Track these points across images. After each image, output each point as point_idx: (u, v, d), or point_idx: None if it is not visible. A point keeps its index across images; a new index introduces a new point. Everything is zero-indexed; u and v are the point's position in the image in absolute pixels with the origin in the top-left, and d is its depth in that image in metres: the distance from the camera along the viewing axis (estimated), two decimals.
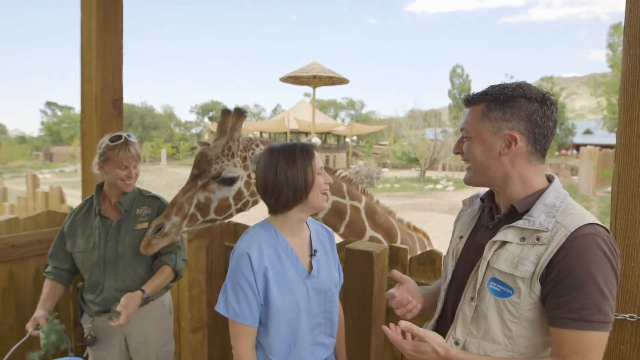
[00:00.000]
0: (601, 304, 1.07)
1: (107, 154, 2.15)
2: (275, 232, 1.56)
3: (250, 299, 1.48)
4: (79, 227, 2.25)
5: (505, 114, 1.20)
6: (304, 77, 24.21)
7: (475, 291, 1.24)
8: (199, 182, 2.03)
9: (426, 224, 13.07)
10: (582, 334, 1.07)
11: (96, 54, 2.92)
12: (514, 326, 1.17)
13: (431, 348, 1.15)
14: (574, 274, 1.08)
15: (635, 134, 1.39)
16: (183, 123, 78.74)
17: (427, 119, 31.79)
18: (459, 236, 1.42)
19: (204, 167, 2.04)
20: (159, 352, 2.30)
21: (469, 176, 1.32)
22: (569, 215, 1.15)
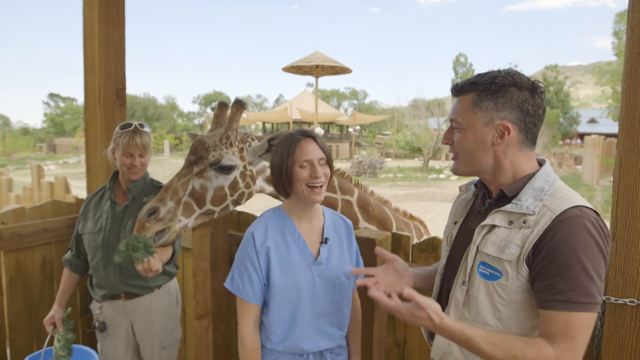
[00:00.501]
0: (588, 285, 1.07)
1: (117, 141, 2.21)
2: (284, 216, 1.62)
3: (253, 277, 1.55)
4: (92, 210, 2.33)
5: (497, 103, 1.19)
6: (306, 66, 24.11)
7: (466, 275, 1.26)
8: (195, 169, 1.97)
9: (429, 213, 13.10)
10: (569, 315, 1.08)
11: (99, 44, 2.92)
12: (503, 308, 1.19)
13: (427, 315, 1.15)
14: (560, 256, 1.08)
15: (638, 120, 1.39)
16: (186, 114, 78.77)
17: (430, 109, 31.68)
18: (453, 222, 1.44)
19: (201, 153, 1.98)
20: (164, 341, 2.33)
21: (457, 167, 1.31)
22: (557, 198, 1.15)
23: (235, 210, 2.66)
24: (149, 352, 2.32)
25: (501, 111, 1.19)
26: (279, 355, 1.63)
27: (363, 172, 22.35)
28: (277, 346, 1.60)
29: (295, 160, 1.51)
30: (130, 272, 2.20)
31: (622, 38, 24.11)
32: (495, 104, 1.19)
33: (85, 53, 3.01)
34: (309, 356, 1.62)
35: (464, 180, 7.69)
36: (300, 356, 1.62)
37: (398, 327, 2.14)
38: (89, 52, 2.98)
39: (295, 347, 1.59)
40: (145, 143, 2.21)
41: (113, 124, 3.02)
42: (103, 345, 2.35)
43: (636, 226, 1.42)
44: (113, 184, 2.33)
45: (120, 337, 2.31)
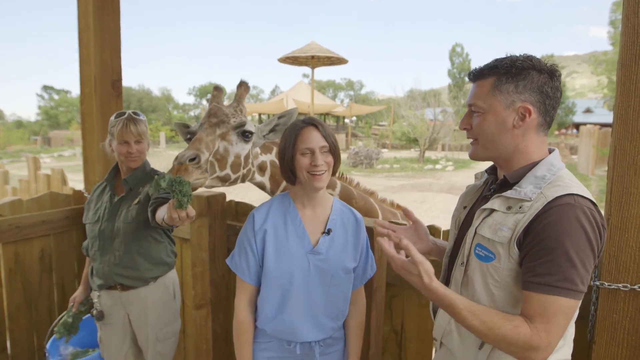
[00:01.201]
0: (567, 271, 1.08)
1: (112, 130, 2.20)
2: (289, 202, 1.66)
3: (249, 256, 1.62)
4: (94, 200, 2.34)
5: (518, 86, 1.20)
6: (302, 57, 23.98)
7: (464, 256, 1.29)
8: (218, 131, 1.94)
9: (425, 203, 13.13)
10: (545, 297, 1.09)
11: (94, 35, 2.91)
12: (496, 290, 1.21)
13: (418, 272, 1.16)
14: (545, 240, 1.10)
15: (632, 107, 1.41)
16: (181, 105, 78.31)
17: (426, 99, 31.64)
18: (463, 206, 1.46)
19: (222, 118, 1.96)
20: (159, 334, 2.32)
21: (476, 151, 1.31)
22: (555, 186, 1.17)
23: (233, 201, 2.68)
24: (145, 343, 2.34)
25: (522, 94, 1.20)
26: (270, 340, 1.67)
27: (359, 163, 22.37)
28: (265, 326, 1.63)
29: (297, 148, 1.55)
30: (124, 264, 2.21)
31: (618, 27, 24.04)
32: (515, 87, 1.20)
33: (80, 44, 2.99)
34: (296, 346, 1.63)
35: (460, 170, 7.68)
36: (288, 344, 1.64)
37: (395, 314, 2.17)
38: (84, 42, 2.96)
39: (283, 332, 1.62)
40: (141, 130, 2.21)
41: (110, 115, 3.00)
42: (102, 333, 2.37)
43: (630, 212, 1.44)
44: (113, 176, 2.33)
45: (117, 326, 2.33)
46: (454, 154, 29.63)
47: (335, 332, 1.70)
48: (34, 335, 3.03)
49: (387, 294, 2.13)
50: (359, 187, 2.56)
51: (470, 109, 1.29)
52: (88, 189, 3.19)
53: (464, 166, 23.14)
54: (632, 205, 1.44)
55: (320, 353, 1.66)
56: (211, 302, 2.60)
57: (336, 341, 1.72)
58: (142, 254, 2.23)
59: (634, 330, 1.49)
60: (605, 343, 1.52)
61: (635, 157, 1.42)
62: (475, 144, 1.30)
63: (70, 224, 3.15)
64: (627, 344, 1.50)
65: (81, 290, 2.49)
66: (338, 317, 1.68)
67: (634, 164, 1.42)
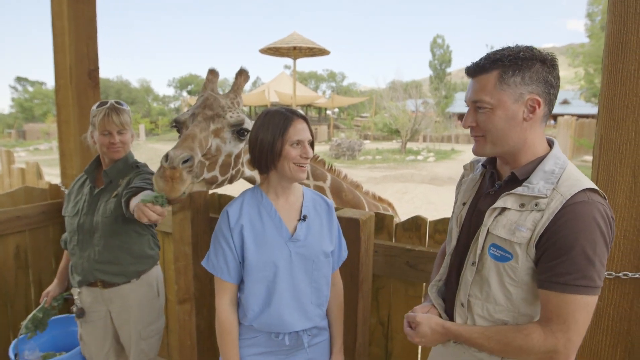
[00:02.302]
0: (586, 269, 1.08)
1: (93, 121, 2.12)
2: (261, 194, 1.63)
3: (227, 254, 1.57)
4: (75, 192, 2.26)
5: (525, 78, 1.17)
6: (284, 48, 23.76)
7: (476, 256, 1.27)
8: (212, 126, 1.75)
9: (407, 194, 13.23)
10: (564, 297, 1.10)
11: (68, 22, 2.80)
12: (513, 289, 1.20)
13: (429, 329, 1.28)
14: (562, 240, 1.10)
15: (618, 96, 1.41)
16: (161, 97, 77.05)
17: (408, 90, 31.77)
18: (462, 203, 1.42)
19: (218, 111, 1.77)
20: (142, 332, 2.27)
21: (483, 147, 1.26)
22: (566, 181, 1.16)
23: (215, 193, 2.62)
24: (127, 341, 2.28)
25: (529, 85, 1.17)
26: (256, 335, 1.63)
27: (342, 155, 22.38)
28: (252, 322, 1.60)
29: (287, 139, 1.51)
30: (105, 260, 2.13)
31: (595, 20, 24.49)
32: (522, 79, 1.17)
33: (54, 32, 2.88)
34: (285, 337, 1.61)
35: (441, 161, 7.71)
36: (276, 337, 1.61)
37: (382, 306, 2.16)
38: (58, 30, 2.85)
39: (271, 324, 1.59)
40: (124, 120, 2.12)
41: (87, 106, 2.92)
42: (82, 331, 2.30)
43: (616, 201, 1.45)
44: (94, 168, 2.25)
45: (99, 324, 2.27)
46: (435, 145, 29.87)
47: (321, 320, 1.69)
48: (10, 334, 2.94)
49: (374, 285, 2.12)
50: (347, 180, 2.54)
51: (474, 106, 1.24)
52: (65, 182, 3.09)
53: (445, 157, 23.36)
54: (618, 194, 1.45)
55: (308, 343, 1.64)
56: (195, 296, 2.56)
57: (321, 331, 1.71)
58: (124, 249, 2.16)
59: (618, 317, 1.50)
60: (591, 330, 1.54)
61: (621, 145, 1.43)
62: (482, 140, 1.26)
63: (47, 219, 3.05)
64: (611, 330, 1.52)
65: (55, 284, 2.41)
66: (323, 304, 1.68)
67: (619, 153, 1.43)
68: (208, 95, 1.83)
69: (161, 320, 2.38)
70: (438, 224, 1.99)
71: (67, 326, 2.75)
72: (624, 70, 1.40)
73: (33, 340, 2.59)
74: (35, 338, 2.56)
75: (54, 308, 2.41)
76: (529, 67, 1.17)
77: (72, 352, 2.43)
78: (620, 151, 1.43)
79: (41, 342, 2.65)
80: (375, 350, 2.20)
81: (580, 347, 1.55)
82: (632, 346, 1.49)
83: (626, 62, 1.39)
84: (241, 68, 1.95)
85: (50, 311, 2.39)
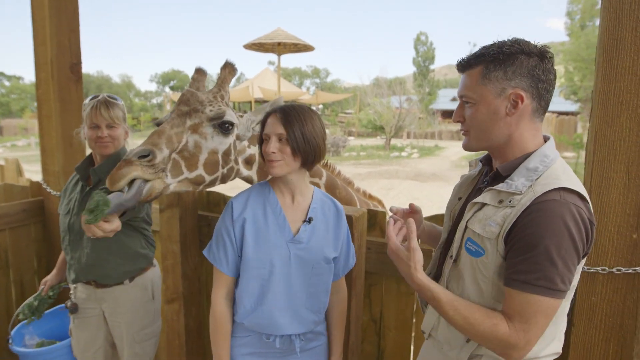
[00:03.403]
0: (547, 270, 1.05)
1: (84, 114, 2.05)
2: (269, 189, 1.61)
3: (227, 246, 1.56)
4: (70, 189, 2.19)
5: (507, 72, 1.16)
6: (268, 44, 23.59)
7: (454, 250, 1.27)
8: (189, 122, 1.65)
9: (392, 190, 13.30)
10: (526, 296, 1.08)
11: (49, 14, 2.70)
12: (484, 286, 1.19)
13: (407, 258, 1.20)
14: (526, 238, 1.08)
15: (613, 92, 1.42)
16: (143, 93, 75.94)
17: (392, 87, 31.93)
18: (458, 197, 1.43)
19: (195, 105, 1.67)
20: (135, 336, 2.21)
21: (469, 142, 1.27)
22: (545, 179, 1.14)
23: (204, 190, 2.57)
24: (120, 342, 2.23)
25: (512, 80, 1.16)
26: (248, 334, 1.61)
27: (327, 151, 22.36)
28: (244, 319, 1.57)
29: (262, 133, 1.54)
30: (94, 262, 2.07)
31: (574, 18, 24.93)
32: (504, 73, 1.16)
33: (34, 23, 2.78)
34: (276, 339, 1.58)
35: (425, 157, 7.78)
36: (267, 338, 1.58)
37: (374, 303, 2.15)
38: (38, 22, 2.76)
39: (261, 324, 1.56)
40: (115, 114, 2.04)
41: (69, 100, 2.84)
42: (74, 327, 2.24)
43: (609, 197, 1.46)
44: (87, 165, 2.16)
45: (92, 321, 2.21)
46: (419, 141, 30.10)
47: (317, 325, 1.66)
48: None
49: (366, 282, 2.11)
50: (340, 176, 2.52)
51: (462, 101, 1.25)
52: (47, 179, 3.00)
53: (429, 154, 23.55)
54: (612, 190, 1.46)
55: (300, 348, 1.61)
56: (184, 295, 2.51)
57: (317, 336, 1.68)
58: (112, 251, 2.09)
59: (611, 312, 1.52)
60: (584, 325, 1.55)
61: (615, 142, 1.43)
62: (467, 135, 1.26)
63: (28, 218, 2.96)
64: (604, 325, 1.53)
65: (54, 274, 2.37)
66: (319, 310, 1.64)
67: (613, 149, 1.44)
68: (185, 91, 1.74)
69: (157, 323, 2.31)
70: (430, 220, 1.98)
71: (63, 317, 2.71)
72: (619, 67, 1.40)
73: (32, 328, 2.58)
74: (35, 326, 2.57)
75: (50, 297, 2.39)
76: (512, 61, 1.16)
77: (62, 343, 2.40)
78: (615, 147, 1.44)
79: (42, 330, 2.64)
80: (368, 347, 2.19)
81: (574, 343, 1.57)
82: (625, 340, 1.51)
83: (621, 58, 1.40)
84: (226, 61, 1.85)
85: (46, 300, 2.38)
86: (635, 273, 1.47)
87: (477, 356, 1.24)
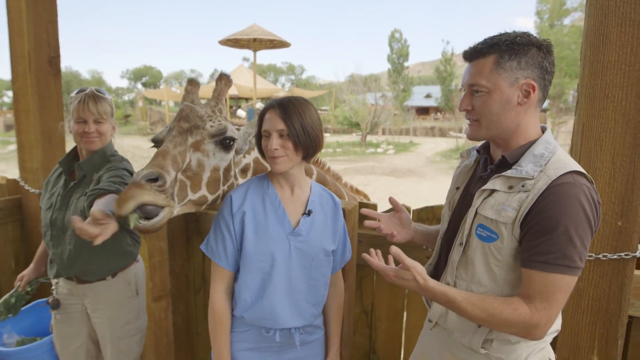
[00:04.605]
0: (567, 249, 1.11)
1: (69, 108, 2.00)
2: (268, 182, 1.61)
3: (226, 240, 1.54)
4: (52, 182, 2.13)
5: (520, 63, 1.20)
6: (244, 39, 23.34)
7: (464, 237, 1.30)
8: (190, 139, 1.60)
9: (369, 186, 13.42)
10: (546, 275, 1.13)
11: (26, 5, 2.61)
12: (497, 270, 1.23)
13: (412, 276, 1.22)
14: (545, 220, 1.13)
15: (600, 86, 1.47)
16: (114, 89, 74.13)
17: (367, 84, 32.11)
18: (456, 187, 1.46)
19: (195, 122, 1.63)
20: (119, 331, 2.17)
21: (477, 131, 1.29)
22: (555, 163, 1.19)
23: None
24: (103, 340, 2.18)
25: (525, 70, 1.20)
26: (248, 329, 1.61)
27: None
28: (244, 313, 1.57)
29: (260, 130, 1.52)
30: (77, 258, 2.02)
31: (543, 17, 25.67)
32: (518, 63, 1.20)
33: (9, 15, 2.68)
34: (276, 332, 1.58)
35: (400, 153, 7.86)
36: (267, 332, 1.58)
37: (365, 295, 2.18)
38: (14, 13, 2.66)
39: (262, 318, 1.56)
40: (103, 109, 1.99)
41: (47, 95, 2.76)
42: (55, 322, 2.19)
43: (596, 186, 1.52)
44: (71, 159, 2.11)
45: (75, 317, 2.16)
46: (395, 137, 30.41)
47: (316, 319, 1.67)
48: None
49: (358, 275, 2.13)
50: (330, 172, 2.53)
51: (471, 89, 1.26)
52: (24, 177, 2.90)
53: (404, 150, 23.83)
54: (598, 180, 1.52)
55: (300, 341, 1.62)
56: (171, 292, 2.48)
57: (316, 330, 1.69)
58: (97, 248, 2.01)
59: (597, 296, 1.58)
60: (572, 310, 1.61)
61: (601, 133, 1.49)
62: (476, 124, 1.28)
63: (5, 217, 2.86)
64: (590, 309, 1.60)
65: (31, 269, 2.27)
66: (319, 303, 1.65)
67: (599, 140, 1.50)
68: (184, 106, 1.68)
69: (141, 319, 2.27)
70: (422, 212, 2.01)
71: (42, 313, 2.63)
72: (605, 62, 1.46)
73: (11, 326, 2.49)
74: (14, 323, 2.49)
75: (28, 293, 2.29)
76: (525, 52, 1.20)
77: (44, 340, 2.34)
78: (601, 139, 1.50)
79: (21, 327, 2.55)
80: (360, 339, 2.22)
81: (563, 326, 1.62)
82: (610, 323, 1.58)
83: (607, 53, 1.46)
84: (221, 73, 1.82)
85: (23, 296, 2.28)
86: (620, 259, 1.54)
87: (488, 340, 1.29)
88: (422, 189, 13.10)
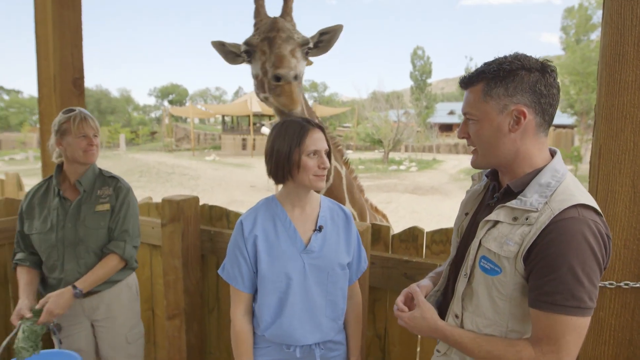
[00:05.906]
0: (574, 289, 1.05)
1: (63, 127, 2.07)
2: (276, 204, 1.61)
3: (241, 264, 1.57)
4: (37, 207, 2.15)
5: (508, 89, 1.15)
6: None
7: (468, 268, 1.26)
8: (288, 47, 1.89)
9: (391, 204, 13.30)
10: (553, 317, 1.07)
11: (52, 29, 2.72)
12: (502, 303, 1.18)
13: (422, 317, 1.24)
14: (549, 257, 1.07)
15: (617, 107, 1.42)
16: (141, 107, 76.26)
17: (389, 101, 32.14)
18: (464, 213, 1.41)
19: (289, 33, 1.90)
20: (128, 336, 2.24)
21: (476, 160, 1.27)
22: (560, 195, 1.13)
23: (206, 205, 2.57)
24: (112, 351, 2.21)
25: (513, 96, 1.15)
26: (268, 345, 1.62)
27: None
28: (264, 332, 1.59)
29: (304, 149, 1.50)
30: (89, 268, 2.08)
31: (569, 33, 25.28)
32: (506, 90, 1.15)
33: (37, 39, 2.79)
34: (296, 349, 1.58)
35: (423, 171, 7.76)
36: (287, 348, 1.59)
37: (379, 319, 2.13)
38: (41, 37, 2.77)
39: (283, 336, 1.57)
40: (97, 126, 2.17)
41: None
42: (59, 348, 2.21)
43: (615, 211, 1.46)
44: (58, 177, 2.17)
45: (78, 337, 2.17)
46: (417, 154, 30.21)
47: (337, 334, 1.65)
48: None
49: (370, 297, 2.09)
50: (356, 180, 2.55)
51: (466, 118, 1.25)
52: None
53: (427, 167, 23.62)
54: (617, 204, 1.46)
55: (321, 356, 1.61)
56: (185, 311, 2.49)
57: (337, 345, 1.67)
58: None
59: (620, 326, 1.50)
60: (593, 341, 1.53)
61: (620, 156, 1.43)
62: (475, 152, 1.26)
63: None
64: (613, 340, 1.51)
65: (23, 301, 2.01)
66: (338, 317, 1.64)
67: (619, 163, 1.44)
68: (277, 19, 1.94)
69: (141, 324, 2.36)
70: (435, 234, 1.97)
71: None
72: (622, 82, 1.41)
73: None
74: None
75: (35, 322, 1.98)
76: (513, 77, 1.15)
77: None
78: (620, 161, 1.44)
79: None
80: None
81: (583, 358, 1.55)
82: (634, 356, 1.49)
83: (624, 73, 1.41)
84: None
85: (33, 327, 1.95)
86: None
87: None
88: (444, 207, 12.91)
